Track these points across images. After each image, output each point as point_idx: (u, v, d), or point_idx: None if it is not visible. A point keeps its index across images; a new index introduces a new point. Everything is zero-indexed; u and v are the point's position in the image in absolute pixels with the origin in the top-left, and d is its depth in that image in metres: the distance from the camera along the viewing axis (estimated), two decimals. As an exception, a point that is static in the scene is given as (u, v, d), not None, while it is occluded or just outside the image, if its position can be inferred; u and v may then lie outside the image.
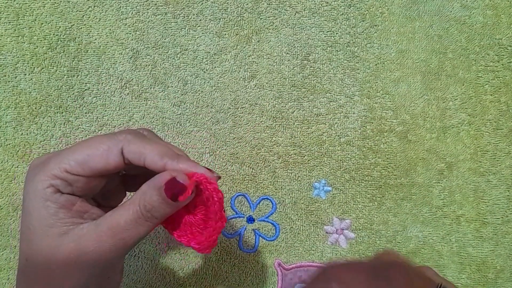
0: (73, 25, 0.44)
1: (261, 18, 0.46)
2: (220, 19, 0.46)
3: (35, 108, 0.43)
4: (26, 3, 0.44)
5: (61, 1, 0.45)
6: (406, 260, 0.26)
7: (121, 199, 0.32)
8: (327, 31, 0.46)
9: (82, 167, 0.25)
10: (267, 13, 0.46)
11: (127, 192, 0.32)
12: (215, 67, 0.45)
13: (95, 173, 0.25)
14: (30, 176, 0.26)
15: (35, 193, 0.25)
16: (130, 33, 0.45)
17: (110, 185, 0.30)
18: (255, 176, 0.44)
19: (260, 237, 0.43)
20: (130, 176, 0.31)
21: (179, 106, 0.44)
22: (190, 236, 0.27)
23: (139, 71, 0.44)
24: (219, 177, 0.27)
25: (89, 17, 0.45)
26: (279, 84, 0.45)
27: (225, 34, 0.45)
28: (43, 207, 0.25)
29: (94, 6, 0.45)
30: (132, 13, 0.45)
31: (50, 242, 0.25)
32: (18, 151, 0.42)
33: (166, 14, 0.45)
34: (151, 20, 0.45)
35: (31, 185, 0.25)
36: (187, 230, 0.27)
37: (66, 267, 0.25)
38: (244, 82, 0.45)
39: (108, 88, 0.44)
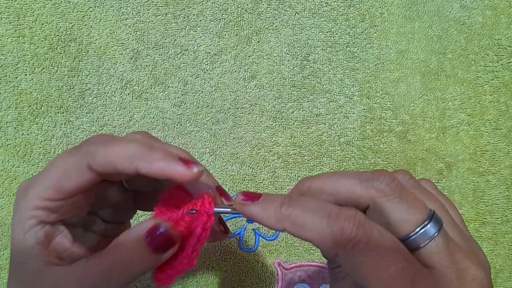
0: (74, 25, 0.45)
1: (261, 19, 0.46)
2: (220, 19, 0.46)
3: (36, 108, 0.43)
4: (26, 4, 0.44)
5: (61, 1, 0.45)
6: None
7: (132, 215, 0.30)
8: (327, 32, 0.46)
9: (59, 192, 0.23)
10: (267, 13, 0.46)
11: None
12: (215, 67, 0.45)
13: (73, 194, 0.23)
14: (15, 205, 0.24)
15: (17, 224, 0.23)
16: (130, 34, 0.45)
17: (110, 201, 0.28)
18: (255, 176, 0.44)
19: (260, 237, 0.43)
20: (140, 193, 0.29)
21: (179, 106, 0.44)
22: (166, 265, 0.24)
23: (139, 72, 0.45)
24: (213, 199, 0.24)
25: (90, 17, 0.45)
26: (279, 84, 0.45)
27: (225, 34, 0.46)
28: (21, 240, 0.23)
29: (95, 7, 0.45)
30: (132, 13, 0.45)
31: (28, 277, 0.23)
32: (19, 151, 0.43)
33: (166, 14, 0.45)
34: (152, 21, 0.45)
35: (14, 214, 0.24)
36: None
37: None
38: (244, 82, 0.45)
39: (109, 88, 0.44)
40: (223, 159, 0.44)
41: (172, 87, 0.45)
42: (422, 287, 0.20)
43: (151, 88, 0.44)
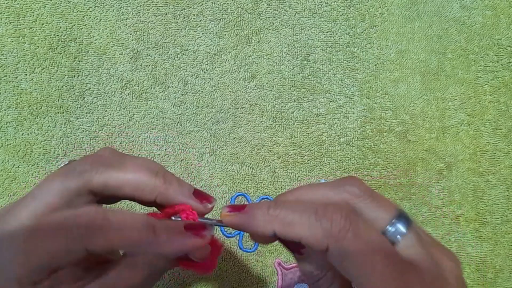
0: (74, 25, 0.45)
1: (261, 19, 0.46)
2: (220, 19, 0.46)
3: (36, 108, 0.43)
4: (27, 4, 0.44)
5: (61, 1, 0.45)
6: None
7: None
8: (327, 32, 0.46)
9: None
10: (267, 13, 0.46)
11: None
12: (215, 67, 0.45)
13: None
14: None
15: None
16: (130, 34, 0.45)
17: None
18: (255, 176, 0.44)
19: (260, 237, 0.43)
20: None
21: (179, 106, 0.44)
22: (189, 261, 0.24)
23: (139, 72, 0.45)
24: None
25: (90, 17, 0.45)
26: (279, 84, 0.45)
27: (225, 34, 0.46)
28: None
29: (95, 7, 0.45)
30: (132, 13, 0.45)
31: None
32: (19, 151, 0.43)
33: (166, 14, 0.45)
34: (152, 21, 0.45)
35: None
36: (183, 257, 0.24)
37: None
38: (244, 82, 0.45)
39: (109, 88, 0.44)
40: (223, 159, 0.44)
41: (172, 87, 0.45)
42: (410, 278, 0.21)
43: (151, 88, 0.44)
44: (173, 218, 0.23)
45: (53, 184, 0.21)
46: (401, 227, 0.23)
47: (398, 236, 0.22)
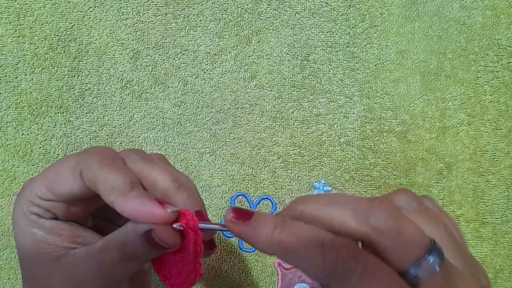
0: (74, 25, 0.45)
1: (261, 19, 0.46)
2: (220, 19, 0.46)
3: (36, 108, 0.43)
4: (26, 4, 0.44)
5: (61, 1, 0.45)
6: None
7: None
8: (327, 32, 0.46)
9: (51, 193, 0.23)
10: (267, 13, 0.46)
11: None
12: (215, 67, 0.45)
13: (65, 199, 0.23)
14: (15, 204, 0.24)
15: (20, 221, 0.24)
16: (130, 34, 0.45)
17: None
18: (255, 176, 0.44)
19: (260, 237, 0.43)
20: None
21: (179, 106, 0.44)
22: (168, 274, 0.25)
23: (139, 72, 0.45)
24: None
25: (90, 17, 0.45)
26: (279, 84, 0.45)
27: (225, 34, 0.46)
28: (30, 234, 0.23)
29: (95, 7, 0.45)
30: (132, 13, 0.45)
31: (42, 270, 0.23)
32: (19, 151, 0.43)
33: (166, 14, 0.45)
34: (152, 21, 0.45)
35: (15, 213, 0.24)
36: (166, 265, 0.25)
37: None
38: (244, 82, 0.45)
39: (109, 88, 0.44)
40: (223, 159, 0.44)
41: (172, 87, 0.45)
42: None
43: (151, 88, 0.44)
44: (174, 226, 0.23)
45: (61, 163, 0.24)
46: (430, 264, 0.20)
47: (425, 274, 0.20)
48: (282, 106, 0.45)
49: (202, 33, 0.45)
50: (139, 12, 0.45)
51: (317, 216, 0.22)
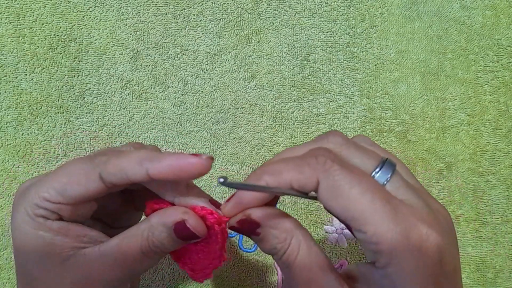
0: (74, 25, 0.45)
1: (261, 19, 0.46)
2: (220, 19, 0.46)
3: (36, 108, 0.43)
4: (26, 4, 0.44)
5: (61, 1, 0.45)
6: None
7: (135, 218, 0.30)
8: (327, 32, 0.46)
9: (62, 196, 0.23)
10: (267, 13, 0.46)
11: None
12: (215, 67, 0.45)
13: (77, 201, 0.23)
14: (16, 207, 0.24)
15: (23, 224, 0.23)
16: (130, 34, 0.45)
17: (111, 206, 0.28)
18: (255, 176, 0.44)
19: (260, 237, 0.43)
20: (133, 192, 0.29)
21: (179, 106, 0.44)
22: (188, 260, 0.26)
23: (139, 72, 0.45)
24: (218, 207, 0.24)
25: (90, 17, 0.45)
26: (279, 84, 0.45)
27: (225, 34, 0.46)
28: (36, 237, 0.23)
29: (95, 7, 0.45)
30: (132, 13, 0.45)
31: (50, 272, 0.23)
32: (19, 151, 0.43)
33: (166, 14, 0.45)
34: (152, 21, 0.45)
35: (18, 216, 0.24)
36: (186, 254, 0.26)
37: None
38: (244, 82, 0.45)
39: (109, 88, 0.44)
40: (223, 159, 0.44)
41: (172, 87, 0.45)
42: (403, 210, 0.21)
43: (151, 88, 0.44)
44: (229, 220, 0.24)
45: (75, 165, 0.24)
46: (387, 173, 0.22)
47: (384, 182, 0.22)
48: (282, 106, 0.45)
49: (202, 33, 0.45)
50: (139, 12, 0.45)
51: (278, 185, 0.23)
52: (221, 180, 0.20)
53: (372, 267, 0.22)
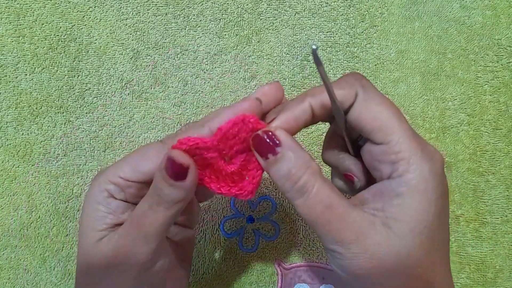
0: (74, 25, 0.45)
1: (261, 19, 0.46)
2: (220, 19, 0.46)
3: (36, 108, 0.43)
4: (27, 4, 0.44)
5: (61, 1, 0.45)
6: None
7: (196, 211, 0.31)
8: (327, 32, 0.46)
9: (135, 172, 0.26)
10: (267, 13, 0.46)
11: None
12: (215, 67, 0.45)
13: (146, 177, 0.26)
14: (92, 181, 0.27)
15: (90, 196, 0.27)
16: (130, 34, 0.45)
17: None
18: (255, 176, 0.44)
19: (260, 237, 0.43)
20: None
21: (179, 106, 0.44)
22: (232, 184, 0.26)
23: (139, 72, 0.45)
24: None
25: (90, 17, 0.45)
26: (279, 84, 0.45)
27: (225, 34, 0.46)
28: (94, 210, 0.26)
29: (95, 7, 0.45)
30: (132, 13, 0.45)
31: (91, 245, 0.26)
32: (18, 151, 0.43)
33: (166, 14, 0.45)
34: (152, 21, 0.45)
35: (90, 189, 0.27)
36: (227, 180, 0.26)
37: (104, 270, 0.26)
38: (244, 82, 0.45)
39: (109, 88, 0.44)
40: (223, 159, 0.44)
41: (172, 87, 0.45)
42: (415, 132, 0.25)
43: (151, 88, 0.44)
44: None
45: (144, 146, 0.27)
46: None
47: None
48: (282, 106, 0.45)
49: (202, 33, 0.45)
50: (139, 12, 0.45)
51: (321, 103, 0.27)
52: (314, 47, 0.21)
53: (383, 184, 0.25)
